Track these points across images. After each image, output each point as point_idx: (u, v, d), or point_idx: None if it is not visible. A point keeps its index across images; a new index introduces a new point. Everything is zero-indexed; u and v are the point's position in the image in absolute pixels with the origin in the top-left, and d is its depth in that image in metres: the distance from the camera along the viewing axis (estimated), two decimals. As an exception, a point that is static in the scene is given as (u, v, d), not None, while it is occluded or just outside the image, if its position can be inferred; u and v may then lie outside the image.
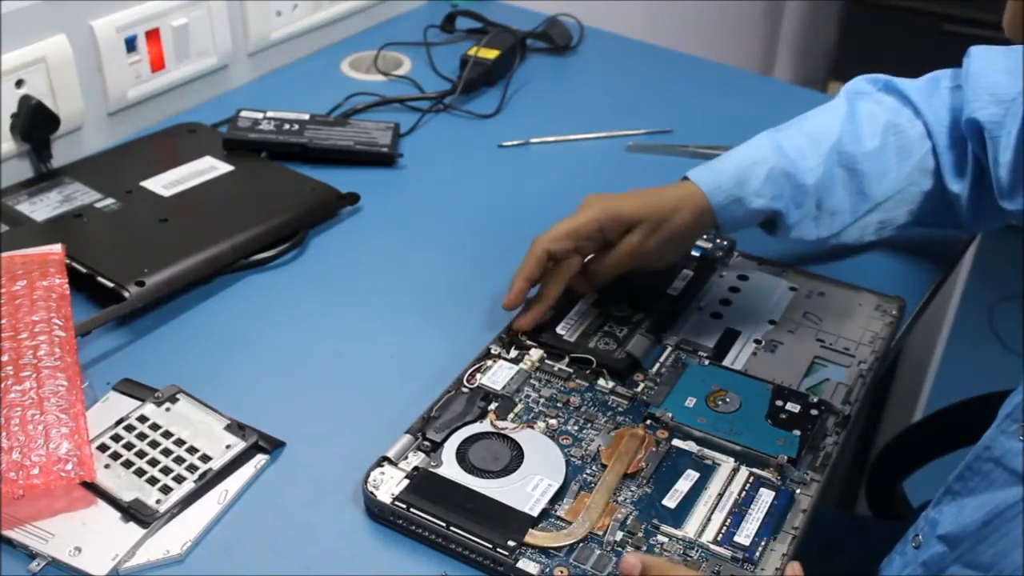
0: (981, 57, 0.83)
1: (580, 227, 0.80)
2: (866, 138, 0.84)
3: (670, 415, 0.74)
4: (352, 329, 0.85)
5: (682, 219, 0.80)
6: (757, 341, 0.83)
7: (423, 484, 0.68)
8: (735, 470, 0.71)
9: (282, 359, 0.81)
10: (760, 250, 0.93)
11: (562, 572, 0.63)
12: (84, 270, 0.84)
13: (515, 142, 1.10)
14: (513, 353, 0.80)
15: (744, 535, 0.66)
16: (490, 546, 0.64)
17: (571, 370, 0.79)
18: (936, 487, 0.69)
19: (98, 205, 0.94)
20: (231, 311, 0.86)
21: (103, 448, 0.71)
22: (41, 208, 0.93)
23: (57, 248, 0.83)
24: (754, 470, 0.71)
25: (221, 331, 0.84)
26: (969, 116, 0.82)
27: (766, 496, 0.69)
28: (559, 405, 0.76)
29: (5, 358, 0.72)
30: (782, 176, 0.81)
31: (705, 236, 0.94)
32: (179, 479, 0.69)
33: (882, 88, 0.88)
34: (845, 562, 0.93)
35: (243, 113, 1.07)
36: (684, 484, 0.70)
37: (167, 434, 0.72)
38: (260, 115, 1.07)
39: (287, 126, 1.06)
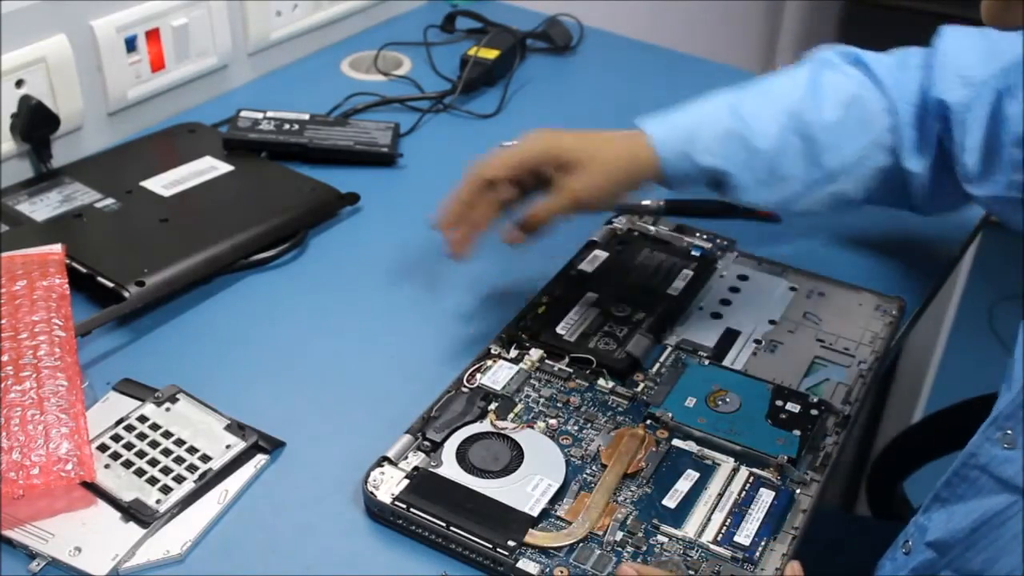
0: (952, 37, 0.82)
1: (522, 158, 0.79)
2: (826, 109, 0.82)
3: (670, 415, 0.74)
4: (352, 329, 0.85)
5: (626, 167, 0.80)
6: (757, 341, 0.83)
7: (423, 484, 0.68)
8: (735, 470, 0.71)
9: (282, 359, 0.81)
10: (760, 250, 0.93)
11: (562, 572, 0.63)
12: (84, 270, 0.84)
13: (515, 142, 1.10)
14: (513, 353, 0.80)
15: (744, 535, 0.66)
16: (490, 546, 0.64)
17: (571, 370, 0.79)
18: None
19: (98, 205, 0.94)
20: (231, 311, 0.86)
21: (103, 448, 0.71)
22: (41, 208, 0.93)
23: (57, 248, 0.83)
24: (754, 470, 0.71)
25: (221, 331, 0.84)
26: (937, 97, 0.80)
27: (766, 496, 0.69)
28: (559, 405, 0.76)
29: (5, 358, 0.72)
30: (736, 137, 0.80)
31: (704, 236, 0.94)
32: (179, 479, 0.69)
33: (850, 61, 0.85)
34: (845, 562, 0.93)
35: (243, 113, 1.07)
36: (684, 484, 0.70)
37: (167, 434, 0.72)
38: (260, 115, 1.06)
39: (287, 126, 1.05)
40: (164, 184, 0.97)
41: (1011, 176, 0.77)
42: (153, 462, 0.70)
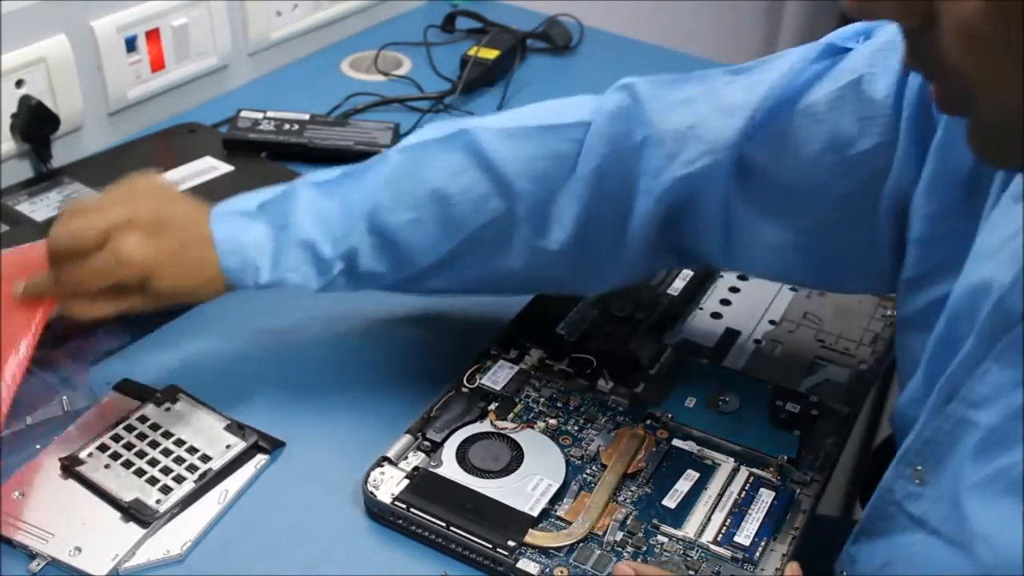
0: (663, 102, 0.70)
1: (103, 282, 0.69)
2: (403, 207, 0.72)
3: (670, 415, 0.74)
4: (352, 329, 0.84)
5: (206, 295, 0.73)
6: (757, 341, 0.83)
7: (423, 484, 0.68)
8: (735, 470, 0.71)
9: (282, 359, 0.81)
10: (760, 250, 0.93)
11: (562, 572, 0.63)
12: None
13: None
14: (513, 353, 0.80)
15: (744, 535, 0.66)
16: (490, 546, 0.64)
17: (571, 370, 0.79)
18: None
19: (98, 205, 0.94)
20: (231, 311, 0.86)
21: (103, 448, 0.71)
22: (41, 208, 0.93)
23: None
24: (754, 470, 0.71)
25: (221, 331, 0.84)
26: (680, 175, 0.67)
27: (766, 496, 0.69)
28: (559, 405, 0.76)
29: None
30: (303, 247, 0.72)
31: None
32: (179, 479, 0.69)
33: (456, 141, 0.73)
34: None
35: (243, 113, 1.07)
36: (684, 484, 0.70)
37: (167, 434, 0.72)
38: (260, 115, 1.06)
39: (287, 126, 1.05)
40: (164, 184, 0.97)
41: (790, 221, 0.68)
42: (153, 462, 0.70)
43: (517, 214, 0.72)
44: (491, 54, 1.20)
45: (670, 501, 0.69)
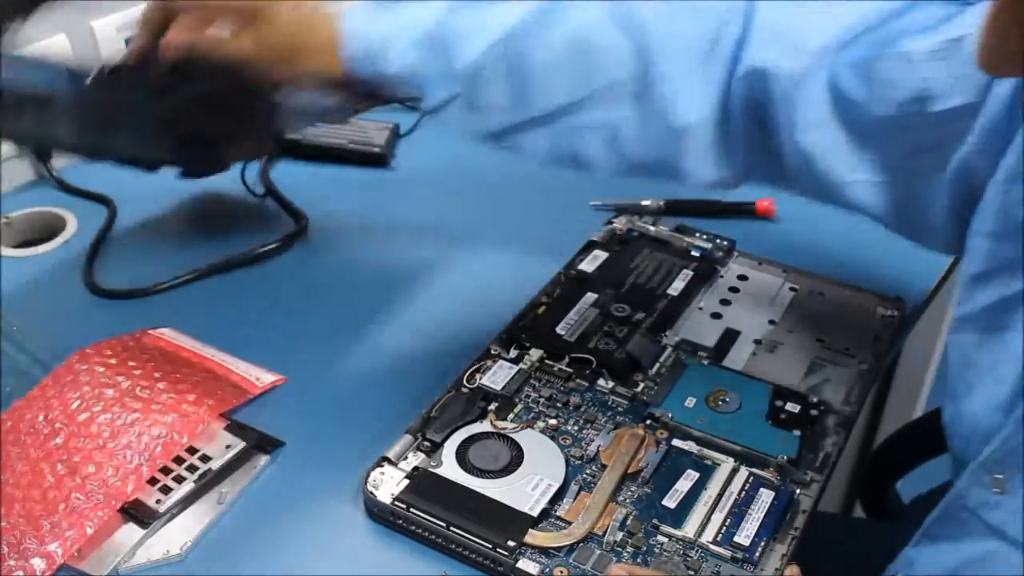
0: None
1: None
2: (544, 47, 0.70)
3: (670, 415, 0.74)
4: (351, 328, 0.85)
5: (317, 64, 0.73)
6: (757, 341, 0.83)
7: (423, 484, 0.68)
8: (735, 470, 0.71)
9: (282, 358, 0.81)
10: (760, 250, 0.93)
11: (562, 572, 0.63)
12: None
13: None
14: (513, 353, 0.80)
15: (744, 535, 0.66)
16: (490, 546, 0.64)
17: (571, 370, 0.79)
18: (930, 485, 0.68)
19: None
20: (230, 311, 0.86)
21: (103, 448, 0.71)
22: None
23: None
24: (754, 470, 0.71)
25: (220, 331, 0.84)
26: (753, 66, 0.67)
27: (766, 496, 0.69)
28: (559, 405, 0.76)
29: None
30: (434, 47, 0.71)
31: (704, 236, 0.94)
32: (179, 479, 0.69)
33: None
34: (844, 564, 0.93)
35: (243, 113, 1.07)
36: (684, 484, 0.70)
37: (167, 434, 0.72)
38: (260, 115, 1.06)
39: (286, 125, 1.05)
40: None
41: (873, 155, 0.67)
42: (153, 462, 0.70)
43: (653, 79, 0.69)
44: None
45: (670, 501, 0.69)
